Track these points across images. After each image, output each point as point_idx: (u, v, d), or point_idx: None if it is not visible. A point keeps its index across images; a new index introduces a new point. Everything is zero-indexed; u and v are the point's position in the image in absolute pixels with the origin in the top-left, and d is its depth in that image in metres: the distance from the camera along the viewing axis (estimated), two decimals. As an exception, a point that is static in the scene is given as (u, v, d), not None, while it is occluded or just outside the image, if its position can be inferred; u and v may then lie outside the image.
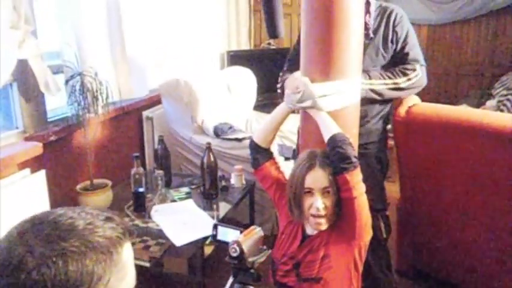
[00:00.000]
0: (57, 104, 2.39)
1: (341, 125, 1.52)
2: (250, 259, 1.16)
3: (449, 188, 2.10)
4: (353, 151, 1.44)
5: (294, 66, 2.00)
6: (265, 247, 1.25)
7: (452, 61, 4.37)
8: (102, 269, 0.66)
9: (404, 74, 1.91)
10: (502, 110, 3.60)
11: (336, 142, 1.43)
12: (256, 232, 1.23)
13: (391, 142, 3.20)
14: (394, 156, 3.66)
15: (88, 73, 2.21)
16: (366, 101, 1.83)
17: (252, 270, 1.17)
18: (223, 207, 2.35)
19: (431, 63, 4.44)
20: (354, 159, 1.41)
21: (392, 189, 3.29)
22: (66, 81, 2.20)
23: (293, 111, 1.65)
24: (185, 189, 2.49)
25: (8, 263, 0.63)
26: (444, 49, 4.39)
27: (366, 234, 1.47)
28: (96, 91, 2.21)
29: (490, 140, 1.88)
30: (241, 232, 1.22)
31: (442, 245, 2.27)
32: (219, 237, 1.29)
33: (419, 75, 1.95)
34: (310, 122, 1.59)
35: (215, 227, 1.29)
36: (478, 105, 3.76)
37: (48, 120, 2.26)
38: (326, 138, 1.48)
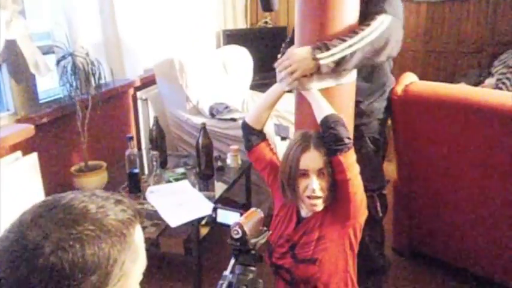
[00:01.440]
0: (49, 85, 2.35)
1: (336, 104, 1.50)
2: (253, 240, 1.15)
3: (445, 167, 2.09)
4: (346, 132, 1.42)
5: (292, 44, 1.96)
6: (265, 228, 1.24)
7: (452, 39, 4.31)
8: (117, 251, 0.67)
9: (367, 25, 1.54)
10: (500, 88, 3.56)
11: (328, 123, 1.41)
12: (257, 214, 1.22)
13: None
14: (390, 135, 3.65)
15: (79, 53, 2.17)
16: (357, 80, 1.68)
17: (253, 252, 1.17)
18: (219, 188, 2.35)
19: (431, 41, 4.39)
20: (347, 141, 1.39)
21: (389, 168, 3.29)
22: (58, 62, 2.17)
23: (289, 91, 1.62)
24: (180, 170, 2.47)
25: (24, 248, 0.62)
26: (443, 27, 4.32)
27: (361, 215, 1.47)
28: (88, 72, 2.17)
29: (488, 118, 1.86)
30: (241, 214, 1.21)
31: (438, 225, 2.27)
32: (219, 219, 1.27)
33: (384, 24, 1.56)
34: (305, 103, 1.57)
35: (215, 209, 1.28)
36: (477, 83, 3.72)
37: (40, 101, 2.23)
38: (319, 119, 1.46)
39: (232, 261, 1.16)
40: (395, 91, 1.99)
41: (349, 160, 1.39)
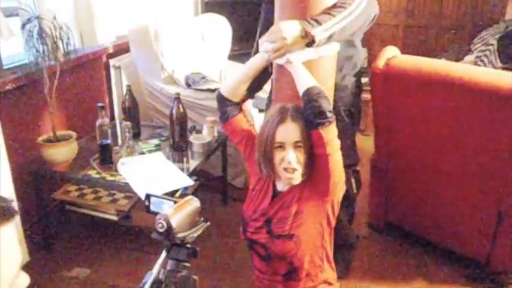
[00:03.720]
0: (14, 50, 2.22)
1: (316, 76, 1.44)
2: (180, 234, 1.04)
3: (423, 143, 2.08)
4: (329, 105, 1.37)
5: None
6: (202, 219, 1.13)
7: (433, 14, 4.28)
8: None
9: None
10: (479, 66, 3.57)
11: (310, 96, 1.36)
12: (191, 203, 1.11)
13: (365, 96, 3.15)
14: (369, 109, 3.65)
15: (46, 17, 2.04)
16: None
17: (188, 245, 1.06)
18: (194, 160, 2.29)
19: (412, 15, 4.35)
20: (329, 114, 1.35)
21: (367, 143, 3.29)
22: (23, 25, 2.03)
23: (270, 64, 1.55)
24: (154, 141, 2.40)
25: None
26: (425, 2, 4.28)
27: (339, 191, 1.44)
28: (56, 36, 2.05)
29: (468, 94, 1.84)
30: (175, 203, 1.11)
31: (414, 199, 2.28)
32: (153, 208, 1.17)
33: None
34: (284, 75, 1.51)
35: (148, 197, 1.18)
36: (457, 59, 3.72)
37: (4, 67, 2.10)
38: (301, 91, 1.41)
39: (163, 255, 1.05)
40: (377, 65, 1.95)
41: (330, 135, 1.35)
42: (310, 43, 1.44)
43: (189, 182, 2.03)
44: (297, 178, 1.38)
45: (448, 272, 2.21)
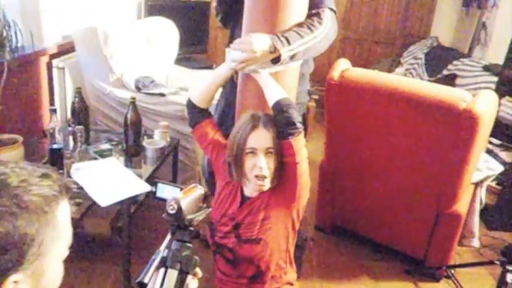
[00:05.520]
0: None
1: (283, 85, 1.52)
2: (189, 217, 1.13)
3: (369, 148, 2.22)
4: (298, 116, 1.44)
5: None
6: (205, 205, 1.22)
7: (368, 29, 4.56)
8: (35, 230, 0.63)
9: (319, 23, 1.60)
10: (408, 77, 3.87)
11: (281, 107, 1.43)
12: (197, 190, 1.20)
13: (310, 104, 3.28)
14: (311, 116, 3.80)
15: (-7, 13, 1.92)
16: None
17: (191, 228, 1.15)
18: (148, 165, 2.26)
19: (349, 29, 4.60)
20: (299, 125, 1.42)
21: (308, 149, 3.44)
22: (-34, 21, 1.90)
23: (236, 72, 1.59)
24: (106, 146, 2.33)
25: None
26: (361, 17, 4.55)
27: (304, 197, 1.51)
28: (3, 34, 1.94)
29: (409, 104, 2.00)
30: (181, 189, 1.20)
31: (358, 202, 2.43)
32: (158, 194, 1.26)
33: (329, 20, 1.65)
34: (249, 84, 1.56)
35: (155, 184, 1.27)
36: (389, 71, 4.01)
37: None
38: (271, 102, 1.47)
39: (169, 236, 1.13)
40: (332, 76, 2.06)
41: (299, 144, 1.43)
42: (276, 59, 1.50)
43: (147, 187, 2.01)
44: (267, 185, 1.44)
45: (390, 268, 2.39)
